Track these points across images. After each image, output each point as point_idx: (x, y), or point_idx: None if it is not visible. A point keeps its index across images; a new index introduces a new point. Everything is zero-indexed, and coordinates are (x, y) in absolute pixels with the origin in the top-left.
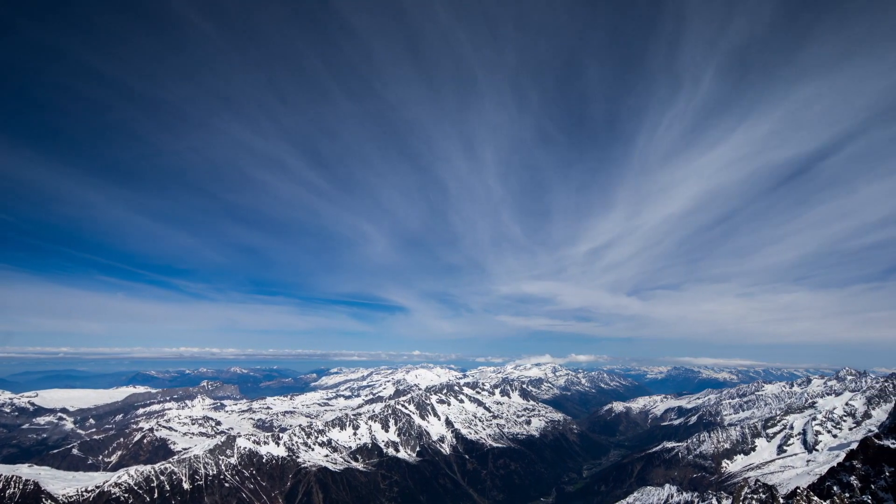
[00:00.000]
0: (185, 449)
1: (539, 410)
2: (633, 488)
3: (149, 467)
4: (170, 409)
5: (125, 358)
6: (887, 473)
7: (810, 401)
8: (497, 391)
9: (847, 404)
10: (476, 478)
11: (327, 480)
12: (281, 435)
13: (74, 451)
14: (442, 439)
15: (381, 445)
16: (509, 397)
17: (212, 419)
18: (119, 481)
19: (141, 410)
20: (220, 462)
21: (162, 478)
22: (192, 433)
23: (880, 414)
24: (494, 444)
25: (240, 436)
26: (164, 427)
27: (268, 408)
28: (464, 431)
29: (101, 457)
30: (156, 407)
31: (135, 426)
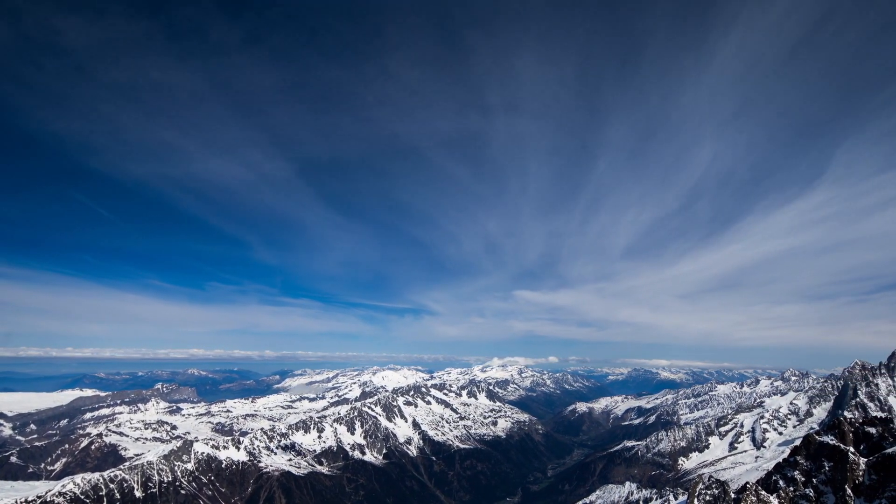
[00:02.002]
0: (137, 455)
1: (505, 411)
2: (595, 486)
3: (97, 475)
4: (120, 413)
5: (72, 359)
6: (827, 468)
7: (759, 400)
8: (464, 392)
9: (791, 403)
10: (443, 479)
11: (290, 485)
12: (242, 439)
13: (13, 458)
14: (409, 441)
15: (347, 448)
16: (476, 398)
17: (167, 423)
18: (63, 490)
19: (88, 415)
20: (176, 468)
21: (112, 486)
22: (146, 438)
23: (821, 412)
24: (461, 446)
25: (197, 440)
26: (114, 432)
27: (227, 411)
28: (431, 433)
29: (43, 465)
30: (105, 411)
31: (81, 432)
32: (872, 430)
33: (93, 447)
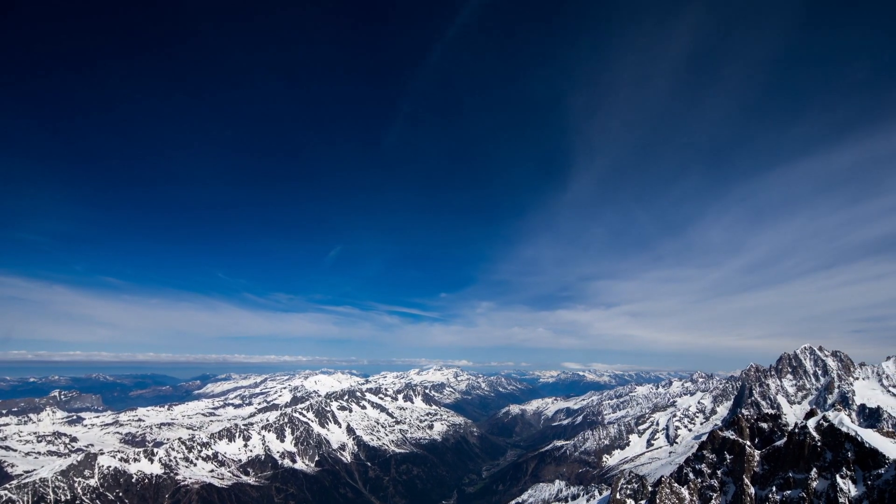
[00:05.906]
0: (28, 472)
1: (441, 415)
2: (527, 485)
3: None
4: (7, 424)
5: None
6: (728, 460)
7: (672, 400)
8: (400, 396)
9: (699, 402)
10: (378, 485)
11: (212, 498)
12: (156, 450)
13: None
14: (343, 447)
15: (276, 457)
16: (412, 402)
17: (65, 435)
18: None
19: None
20: (76, 485)
21: None
22: (39, 452)
23: (723, 410)
24: (397, 450)
25: (102, 453)
26: None
27: (139, 420)
28: (366, 438)
29: None
30: None
31: None
32: (765, 426)
33: None
